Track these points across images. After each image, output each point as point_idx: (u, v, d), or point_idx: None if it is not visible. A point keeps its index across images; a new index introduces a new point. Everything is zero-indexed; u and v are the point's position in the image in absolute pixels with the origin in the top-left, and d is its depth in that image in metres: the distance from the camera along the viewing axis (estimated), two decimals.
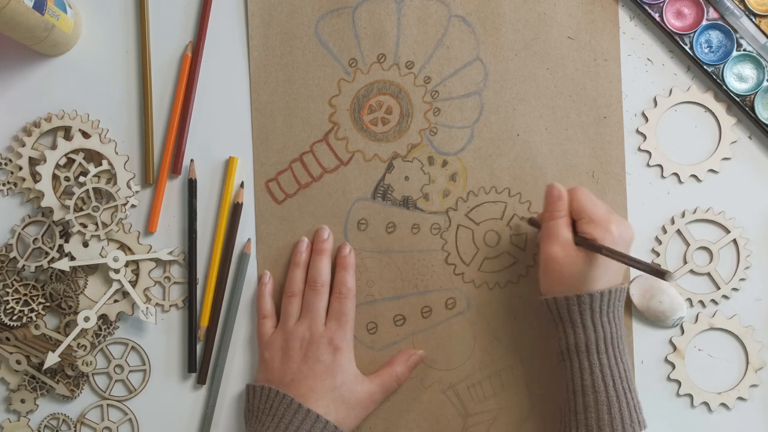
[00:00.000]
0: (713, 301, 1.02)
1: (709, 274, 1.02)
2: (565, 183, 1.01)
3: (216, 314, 1.02)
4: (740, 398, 1.01)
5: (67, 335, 1.00)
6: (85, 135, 1.01)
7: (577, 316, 0.91)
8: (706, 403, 1.01)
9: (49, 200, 1.00)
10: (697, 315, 1.02)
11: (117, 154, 1.01)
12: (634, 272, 1.02)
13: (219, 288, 1.02)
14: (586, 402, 0.89)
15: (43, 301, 1.00)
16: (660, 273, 0.83)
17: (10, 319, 0.99)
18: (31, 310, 1.00)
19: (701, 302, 1.02)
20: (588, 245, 0.91)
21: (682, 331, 1.02)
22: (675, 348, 1.01)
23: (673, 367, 1.01)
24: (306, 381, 0.96)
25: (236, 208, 1.02)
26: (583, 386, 0.90)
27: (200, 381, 1.02)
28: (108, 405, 1.03)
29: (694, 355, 1.02)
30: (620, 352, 0.91)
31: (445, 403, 1.02)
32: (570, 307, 0.91)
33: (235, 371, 1.02)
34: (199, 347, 1.02)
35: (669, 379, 1.01)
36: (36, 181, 1.00)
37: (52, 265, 0.99)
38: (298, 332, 0.98)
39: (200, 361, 1.02)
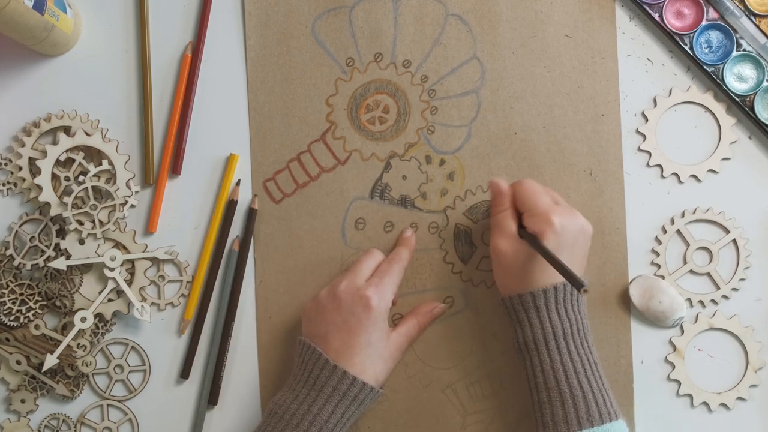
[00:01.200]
0: (713, 301, 1.01)
1: (708, 275, 1.02)
2: (563, 181, 1.01)
3: (204, 310, 1.03)
4: (740, 398, 1.01)
5: (65, 336, 1.00)
6: (87, 134, 1.01)
7: (523, 315, 0.91)
8: (705, 403, 1.01)
9: (48, 195, 1.00)
10: (697, 315, 1.01)
11: (118, 153, 1.01)
12: (633, 272, 1.01)
13: (208, 284, 1.03)
14: (540, 399, 0.90)
15: (39, 299, 1.01)
16: (577, 284, 0.84)
17: (9, 319, 1.00)
18: (29, 309, 1.00)
19: (701, 302, 1.01)
20: (526, 238, 0.92)
21: (682, 331, 1.01)
22: (675, 348, 1.01)
23: (673, 367, 1.01)
24: (339, 335, 0.94)
25: (231, 206, 1.02)
26: (536, 383, 0.90)
27: (183, 375, 1.03)
28: (108, 405, 1.03)
29: (694, 355, 1.01)
30: (576, 346, 0.90)
31: (443, 402, 1.02)
32: (515, 306, 0.92)
33: (232, 369, 1.03)
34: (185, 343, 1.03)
35: (669, 379, 1.01)
36: (34, 176, 1.01)
37: (50, 264, 1.00)
38: (337, 284, 0.96)
39: (184, 357, 1.03)
